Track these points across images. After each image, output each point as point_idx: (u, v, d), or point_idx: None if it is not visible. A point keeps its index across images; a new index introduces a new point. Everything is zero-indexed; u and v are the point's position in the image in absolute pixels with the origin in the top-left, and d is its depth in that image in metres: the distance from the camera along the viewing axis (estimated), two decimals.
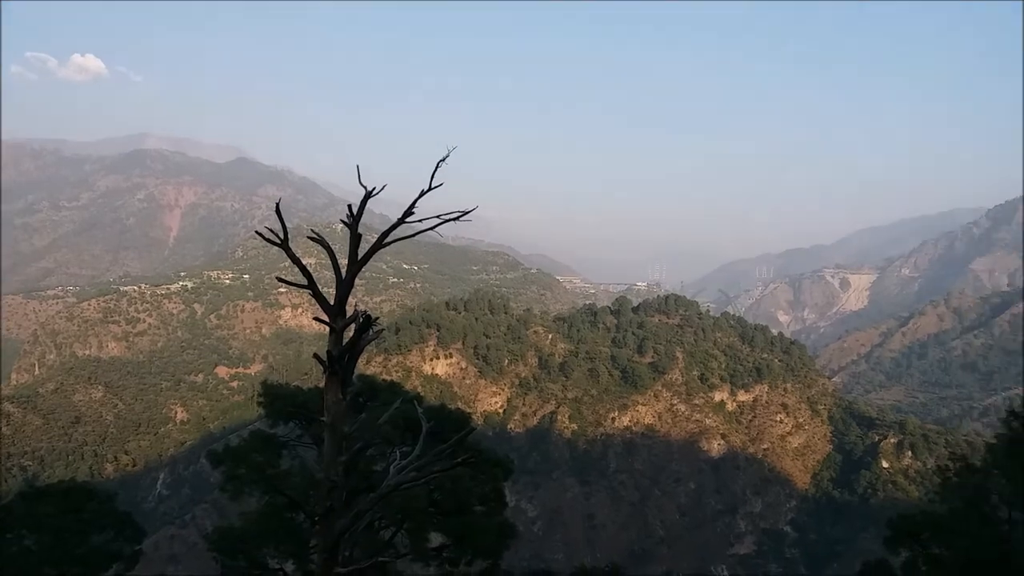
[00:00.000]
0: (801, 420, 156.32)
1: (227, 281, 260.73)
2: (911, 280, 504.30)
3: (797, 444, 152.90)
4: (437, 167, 10.04)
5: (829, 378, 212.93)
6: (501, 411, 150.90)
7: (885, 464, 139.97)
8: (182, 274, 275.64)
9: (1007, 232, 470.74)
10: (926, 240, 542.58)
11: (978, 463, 25.32)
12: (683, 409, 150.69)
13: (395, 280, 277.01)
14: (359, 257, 10.41)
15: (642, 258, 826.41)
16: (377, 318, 10.76)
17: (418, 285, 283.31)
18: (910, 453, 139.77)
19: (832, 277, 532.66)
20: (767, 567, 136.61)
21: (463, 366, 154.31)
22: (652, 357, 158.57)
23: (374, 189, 10.30)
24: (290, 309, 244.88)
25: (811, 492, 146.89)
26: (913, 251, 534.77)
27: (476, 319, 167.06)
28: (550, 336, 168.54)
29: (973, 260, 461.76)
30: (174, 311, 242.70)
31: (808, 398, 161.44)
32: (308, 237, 11.50)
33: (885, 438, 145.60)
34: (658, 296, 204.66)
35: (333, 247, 10.89)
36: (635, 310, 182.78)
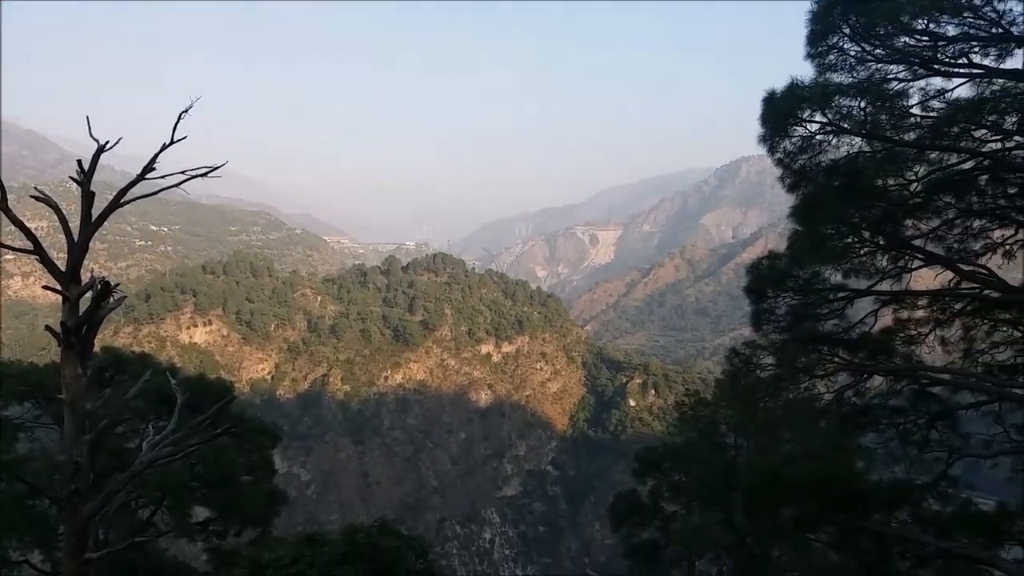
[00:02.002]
0: (559, 367, 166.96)
1: None
2: (651, 235, 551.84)
3: (555, 389, 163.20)
4: (179, 118, 9.34)
5: (582, 327, 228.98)
6: (269, 378, 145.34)
7: (632, 403, 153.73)
8: None
9: (732, 189, 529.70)
10: (664, 198, 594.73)
11: (709, 397, 28.69)
12: (453, 363, 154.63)
13: (142, 243, 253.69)
14: (93, 218, 9.49)
15: (410, 218, 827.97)
16: (117, 284, 9.90)
17: (169, 248, 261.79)
18: (653, 392, 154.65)
19: (583, 234, 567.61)
20: (531, 506, 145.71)
21: (225, 333, 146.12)
22: (422, 315, 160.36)
23: (107, 143, 9.37)
24: (20, 278, 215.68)
25: (569, 433, 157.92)
26: (652, 208, 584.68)
27: (237, 283, 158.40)
28: (319, 298, 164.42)
29: (703, 215, 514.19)
30: None
31: (564, 346, 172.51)
32: (32, 196, 10.23)
33: (632, 379, 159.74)
34: (427, 255, 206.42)
35: (68, 207, 9.82)
36: (405, 269, 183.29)
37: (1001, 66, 10.30)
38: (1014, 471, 13.25)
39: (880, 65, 10.73)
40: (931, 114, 10.79)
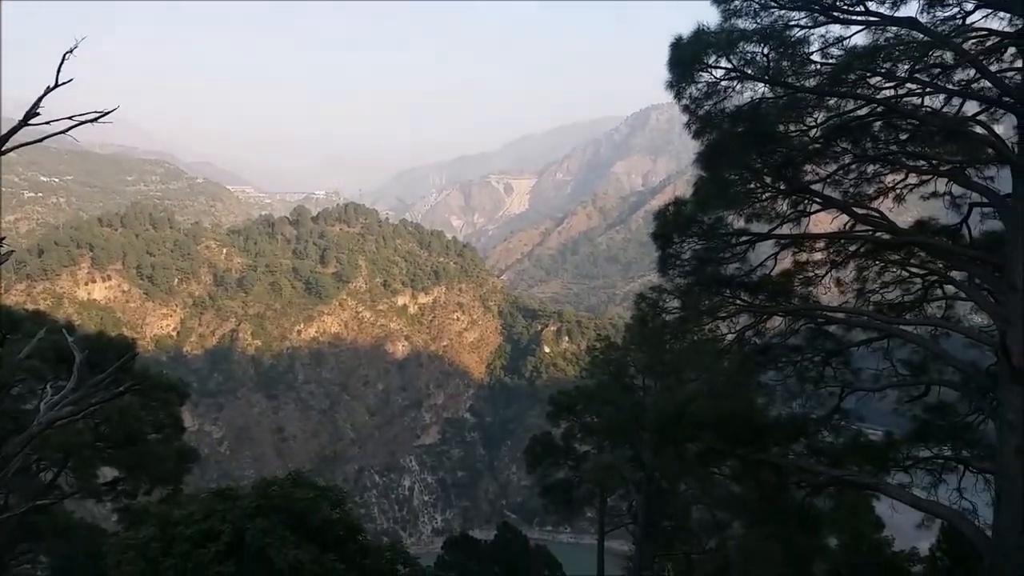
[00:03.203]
0: (475, 317, 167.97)
1: None
2: (565, 183, 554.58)
3: (472, 339, 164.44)
4: (63, 60, 8.72)
5: (498, 277, 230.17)
6: (175, 334, 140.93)
7: (547, 349, 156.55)
8: None
9: (642, 138, 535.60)
10: (576, 146, 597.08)
11: (619, 342, 29.40)
12: (368, 315, 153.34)
13: (32, 195, 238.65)
14: None
15: (319, 166, 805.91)
16: (3, 238, 9.31)
17: (62, 199, 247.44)
18: (567, 338, 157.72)
19: (498, 182, 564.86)
20: (450, 452, 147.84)
21: (125, 288, 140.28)
22: (335, 267, 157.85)
23: None
24: None
25: (486, 380, 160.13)
26: (566, 157, 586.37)
27: (137, 236, 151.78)
28: (224, 250, 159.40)
29: (615, 164, 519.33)
30: None
31: (480, 296, 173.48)
32: None
33: (546, 327, 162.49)
34: (337, 205, 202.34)
35: None
36: (315, 220, 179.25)
37: (895, 14, 10.62)
38: (899, 403, 14.15)
39: (783, 12, 10.89)
40: (830, 61, 11.06)
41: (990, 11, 11.30)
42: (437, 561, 40.36)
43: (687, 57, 10.82)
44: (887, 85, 11.21)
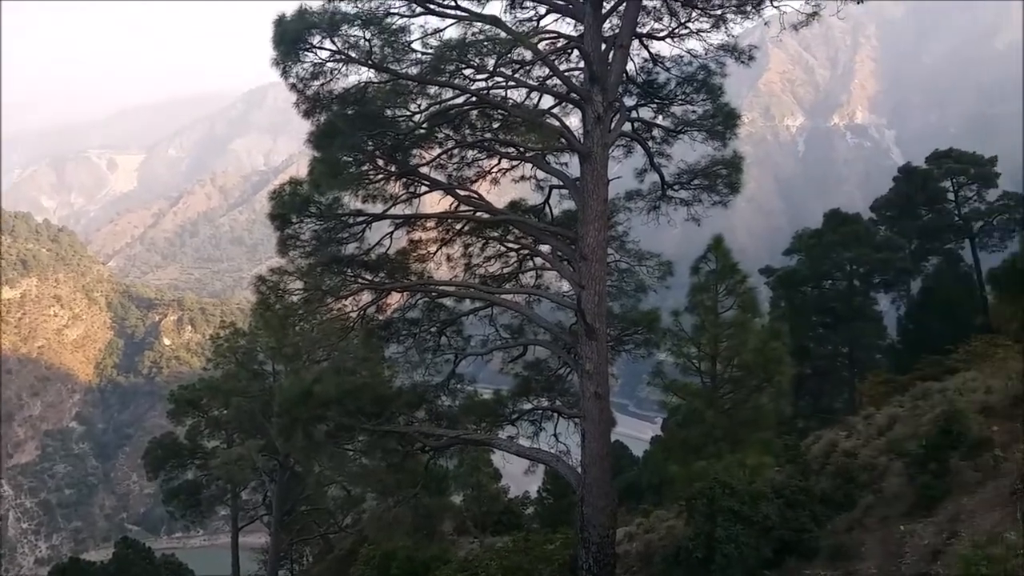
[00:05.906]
0: (78, 311, 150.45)
1: None
2: (179, 160, 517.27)
3: (76, 336, 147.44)
4: None
5: (104, 263, 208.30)
6: None
7: (167, 341, 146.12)
8: None
9: (260, 115, 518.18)
10: (190, 120, 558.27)
11: (246, 328, 28.57)
12: None
13: None
14: None
15: None
16: None
17: None
18: (190, 327, 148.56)
19: (99, 158, 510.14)
20: (53, 469, 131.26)
21: None
22: None
23: None
24: None
25: (95, 382, 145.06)
26: (178, 132, 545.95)
27: None
28: None
29: (233, 141, 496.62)
30: None
31: (84, 287, 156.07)
32: None
33: (165, 316, 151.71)
34: None
35: None
36: None
37: (482, 11, 11.74)
38: (504, 363, 15.99)
39: None
40: (429, 51, 11.81)
41: (559, 16, 13.10)
42: None
43: (291, 36, 10.76)
44: (479, 77, 12.31)
